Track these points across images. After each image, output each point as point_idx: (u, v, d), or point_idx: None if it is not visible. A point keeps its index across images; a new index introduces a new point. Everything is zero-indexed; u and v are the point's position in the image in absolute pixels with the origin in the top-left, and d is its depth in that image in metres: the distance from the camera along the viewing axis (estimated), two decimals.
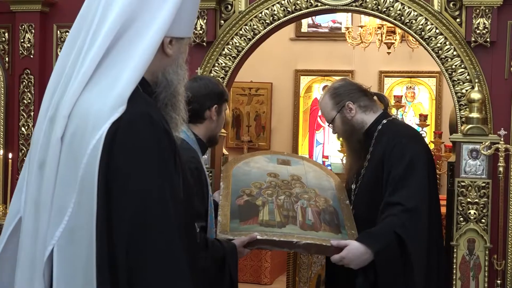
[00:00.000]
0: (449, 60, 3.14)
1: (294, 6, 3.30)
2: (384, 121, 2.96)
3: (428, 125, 6.69)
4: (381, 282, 2.69)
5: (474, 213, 3.03)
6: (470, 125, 3.02)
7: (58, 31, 3.59)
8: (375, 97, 3.08)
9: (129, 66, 1.50)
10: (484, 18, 3.05)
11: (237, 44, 3.36)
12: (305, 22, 7.76)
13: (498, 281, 3.01)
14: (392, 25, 5.21)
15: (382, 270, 2.68)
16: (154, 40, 1.54)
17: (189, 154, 2.46)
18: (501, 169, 2.95)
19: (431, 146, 5.78)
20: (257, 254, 6.06)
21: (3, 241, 1.63)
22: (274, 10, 3.32)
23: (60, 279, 1.46)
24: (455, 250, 3.05)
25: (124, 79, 1.48)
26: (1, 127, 3.69)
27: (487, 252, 3.03)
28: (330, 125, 3.06)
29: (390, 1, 3.19)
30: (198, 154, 2.61)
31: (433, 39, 3.15)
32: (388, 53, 6.84)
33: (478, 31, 3.06)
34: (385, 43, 6.68)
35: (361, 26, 6.76)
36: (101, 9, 1.53)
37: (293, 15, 3.33)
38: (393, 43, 6.67)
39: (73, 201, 1.45)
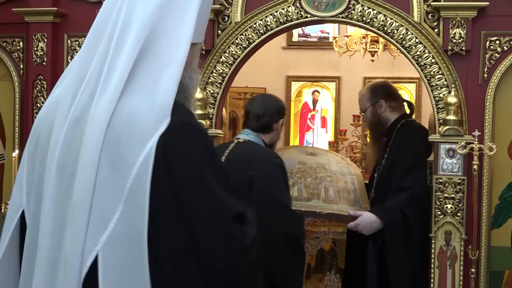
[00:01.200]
0: (428, 67, 3.13)
1: (285, 17, 3.29)
2: (403, 121, 3.37)
3: None
4: (388, 247, 3.05)
5: (451, 207, 3.03)
6: (447, 127, 3.02)
7: (69, 40, 3.57)
8: (404, 103, 3.53)
9: (165, 77, 1.43)
10: (460, 29, 3.05)
11: (233, 52, 3.35)
12: (295, 32, 7.75)
13: (473, 270, 3.01)
14: (375, 35, 5.22)
15: (389, 238, 3.05)
16: (184, 52, 1.48)
17: (274, 154, 2.92)
18: (475, 167, 2.94)
19: None
20: None
21: (8, 233, 1.56)
22: (267, 21, 3.30)
23: (106, 283, 1.39)
24: (433, 241, 3.05)
25: (163, 89, 1.41)
26: (17, 129, 3.66)
27: (462, 243, 3.03)
28: (362, 113, 3.55)
29: (373, 13, 3.18)
30: None
31: (413, 47, 3.14)
32: (372, 60, 6.84)
33: (454, 41, 3.06)
34: (369, 51, 6.68)
35: (347, 36, 6.76)
36: (123, 17, 1.46)
37: (284, 25, 3.32)
38: (377, 51, 6.67)
39: (119, 209, 1.37)
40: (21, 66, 3.64)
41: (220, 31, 3.37)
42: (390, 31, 3.17)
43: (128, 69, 1.41)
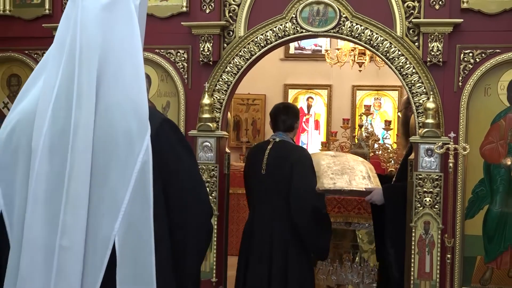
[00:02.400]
0: (409, 76, 3.12)
1: (283, 32, 3.28)
2: None
3: (392, 129, 6.68)
4: (386, 205, 3.40)
5: (429, 200, 3.02)
6: (426, 129, 3.01)
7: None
8: None
9: (137, 91, 1.49)
10: (437, 43, 3.04)
11: (237, 63, 3.34)
12: (292, 45, 7.76)
13: (448, 255, 3.00)
14: (363, 48, 5.21)
15: (388, 207, 3.39)
16: (141, 62, 1.54)
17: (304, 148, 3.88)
18: (451, 164, 2.94)
19: (394, 146, 5.78)
20: None
21: None
22: (267, 36, 3.30)
23: (124, 261, 1.44)
24: (413, 230, 3.05)
25: (141, 102, 1.48)
26: None
27: (439, 232, 3.02)
28: (399, 112, 4.15)
29: (361, 28, 3.17)
30: None
31: (396, 59, 3.14)
32: (360, 70, 6.86)
33: (432, 53, 3.05)
34: (357, 62, 6.69)
35: (338, 49, 6.78)
36: (79, 41, 1.48)
37: (282, 39, 3.31)
38: (364, 62, 6.69)
39: (128, 194, 1.43)
40: None
41: (225, 45, 3.37)
42: (375, 44, 3.17)
43: (94, 84, 1.46)
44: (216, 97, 3.35)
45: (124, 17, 1.53)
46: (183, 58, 3.41)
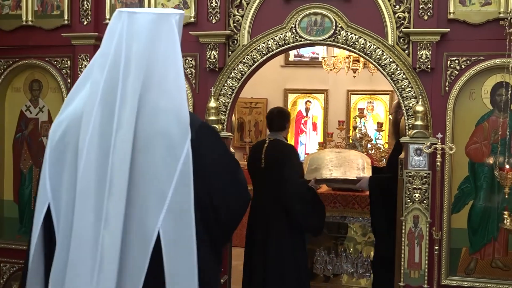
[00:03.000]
0: (400, 81, 3.12)
1: (283, 41, 3.29)
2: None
3: (384, 130, 6.69)
4: (370, 192, 3.88)
5: (418, 196, 3.02)
6: (415, 130, 3.01)
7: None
8: None
9: (179, 99, 1.54)
10: (426, 50, 3.04)
11: (241, 69, 3.35)
12: (292, 53, 7.77)
13: (436, 247, 3.00)
14: (357, 55, 5.21)
15: (371, 187, 3.83)
16: (182, 72, 1.59)
17: (292, 145, 4.18)
18: (438, 163, 2.94)
19: (385, 146, 5.78)
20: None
21: (38, 224, 1.55)
22: (269, 44, 3.30)
23: (169, 250, 1.46)
24: (404, 224, 3.04)
25: (183, 108, 1.54)
26: None
27: (427, 225, 3.02)
28: (390, 115, 4.59)
29: (355, 37, 3.18)
30: None
31: (388, 66, 3.14)
32: (354, 76, 6.85)
33: (421, 60, 3.05)
34: (351, 69, 6.69)
35: (334, 56, 6.77)
36: (124, 51, 1.53)
37: (283, 47, 3.31)
38: (358, 69, 6.68)
39: (172, 189, 1.47)
40: (69, 80, 3.64)
41: (230, 52, 3.37)
42: (369, 52, 3.17)
43: (138, 93, 1.50)
44: (222, 101, 3.36)
45: (167, 32, 1.57)
46: (191, 65, 3.42)
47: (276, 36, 3.29)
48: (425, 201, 3.02)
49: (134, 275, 1.44)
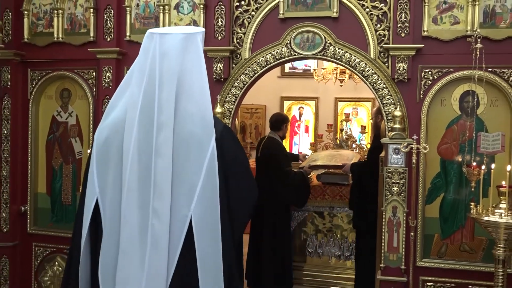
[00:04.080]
0: (380, 90, 3.12)
1: (280, 55, 3.29)
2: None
3: (366, 132, 6.68)
4: (352, 178, 4.25)
5: (396, 189, 3.02)
6: (394, 132, 3.01)
7: (127, 71, 3.58)
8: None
9: (204, 104, 1.57)
10: (403, 63, 3.04)
11: (243, 79, 3.34)
12: (287, 65, 7.77)
13: (412, 233, 3.00)
14: (343, 68, 5.20)
15: (352, 171, 4.18)
16: (207, 82, 1.61)
17: (280, 141, 4.50)
18: (414, 161, 2.94)
19: (368, 146, 5.77)
20: None
21: (88, 217, 1.57)
22: (267, 58, 3.30)
23: (199, 234, 1.49)
24: (384, 213, 3.04)
25: (207, 112, 1.57)
26: (91, 133, 3.66)
27: (404, 214, 3.02)
28: (371, 119, 4.91)
29: (342, 52, 3.18)
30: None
31: (370, 76, 3.14)
32: (341, 85, 6.85)
33: (399, 72, 3.05)
34: (339, 79, 6.69)
35: (323, 68, 6.77)
36: (158, 68, 1.55)
37: (279, 61, 3.31)
38: (344, 79, 6.68)
39: (201, 181, 1.50)
40: (94, 89, 3.64)
41: (234, 65, 3.37)
42: (354, 65, 3.17)
43: (173, 99, 1.53)
44: (226, 107, 3.36)
45: (194, 49, 1.59)
46: None
47: (274, 51, 3.29)
48: (402, 194, 3.02)
49: (171, 252, 1.49)
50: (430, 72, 3.07)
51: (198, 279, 1.48)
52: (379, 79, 3.11)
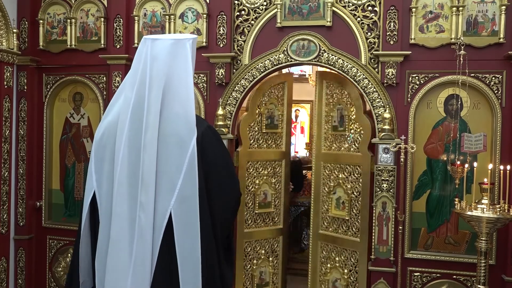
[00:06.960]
0: (371, 94, 3.12)
1: (277, 61, 3.29)
2: None
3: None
4: None
5: (386, 186, 3.02)
6: (383, 133, 3.01)
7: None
8: None
9: (189, 106, 1.56)
10: (392, 69, 3.04)
11: (243, 84, 3.34)
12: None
13: (400, 227, 3.00)
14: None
15: None
16: (192, 85, 1.60)
17: None
18: (402, 159, 2.94)
19: None
20: None
21: (86, 207, 1.60)
22: (266, 63, 3.30)
23: (178, 228, 1.49)
24: (374, 208, 3.04)
25: (191, 113, 1.56)
26: None
27: (393, 209, 3.02)
28: None
29: (335, 58, 3.18)
30: None
31: (361, 81, 3.14)
32: None
33: (388, 77, 3.05)
34: None
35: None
36: (148, 71, 1.55)
37: (277, 66, 3.31)
38: None
39: (181, 178, 1.49)
40: (104, 92, 3.64)
41: (234, 70, 3.37)
42: (346, 70, 3.17)
43: (160, 100, 1.53)
44: (228, 109, 3.36)
45: (182, 54, 1.59)
46: (203, 80, 3.42)
47: (272, 57, 3.29)
48: (391, 190, 3.02)
49: (154, 243, 1.50)
50: (417, 77, 3.07)
51: (179, 270, 1.50)
52: (370, 83, 3.11)
